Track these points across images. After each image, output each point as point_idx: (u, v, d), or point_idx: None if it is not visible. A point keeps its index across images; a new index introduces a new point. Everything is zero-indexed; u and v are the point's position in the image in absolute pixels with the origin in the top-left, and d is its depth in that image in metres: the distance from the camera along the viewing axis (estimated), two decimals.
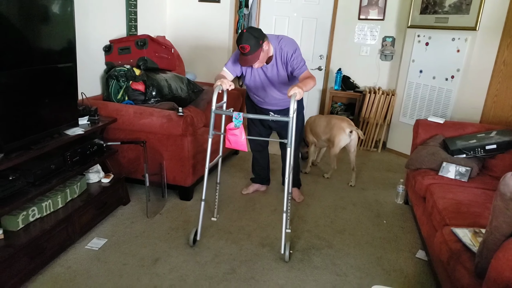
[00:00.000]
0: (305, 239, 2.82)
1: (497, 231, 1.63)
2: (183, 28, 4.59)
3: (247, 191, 3.51)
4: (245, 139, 2.46)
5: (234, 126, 2.41)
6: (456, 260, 1.94)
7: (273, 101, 2.97)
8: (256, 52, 2.51)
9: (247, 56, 2.52)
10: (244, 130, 2.46)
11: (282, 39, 2.74)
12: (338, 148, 3.70)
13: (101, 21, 3.46)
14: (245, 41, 2.45)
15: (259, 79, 2.85)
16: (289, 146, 2.45)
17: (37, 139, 2.31)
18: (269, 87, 2.88)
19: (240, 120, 2.39)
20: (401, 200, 3.50)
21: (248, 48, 2.46)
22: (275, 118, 2.66)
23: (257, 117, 2.86)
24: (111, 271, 2.34)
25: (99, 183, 2.91)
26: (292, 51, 2.70)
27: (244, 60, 2.56)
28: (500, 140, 2.97)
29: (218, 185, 2.99)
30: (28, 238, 2.16)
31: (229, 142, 2.49)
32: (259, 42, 2.50)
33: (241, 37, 2.48)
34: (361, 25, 4.98)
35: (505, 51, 3.91)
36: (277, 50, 2.72)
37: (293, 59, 2.69)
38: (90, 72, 3.39)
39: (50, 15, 2.32)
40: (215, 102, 2.49)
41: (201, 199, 2.61)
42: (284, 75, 2.81)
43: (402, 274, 2.50)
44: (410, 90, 4.59)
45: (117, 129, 3.11)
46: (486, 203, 2.46)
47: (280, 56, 2.72)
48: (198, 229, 2.65)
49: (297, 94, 2.36)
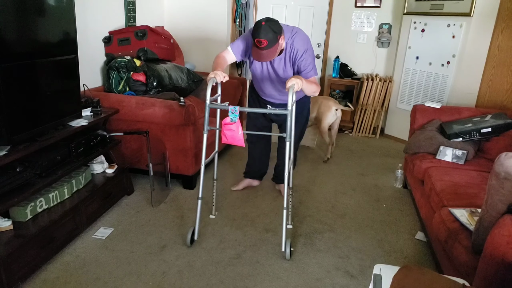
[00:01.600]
0: (308, 224, 2.89)
1: (492, 209, 1.70)
2: (181, 18, 4.61)
3: (237, 187, 3.36)
4: (242, 134, 2.35)
5: (230, 121, 2.30)
6: (454, 239, 2.01)
7: (278, 94, 2.85)
8: (273, 48, 2.35)
9: (263, 51, 2.36)
10: (241, 124, 2.37)
11: (296, 34, 2.56)
12: (326, 124, 4.02)
13: (100, 12, 3.47)
14: (264, 35, 2.28)
15: (266, 69, 2.71)
16: (288, 140, 2.33)
17: (42, 131, 2.35)
18: (274, 79, 2.75)
19: (236, 115, 2.27)
20: (399, 184, 3.58)
21: (266, 43, 2.30)
22: (273, 111, 2.51)
23: (254, 111, 2.68)
24: (119, 259, 2.40)
25: (103, 174, 2.96)
26: (303, 51, 2.53)
27: (260, 55, 2.40)
28: (494, 123, 3.03)
29: (215, 182, 2.88)
30: (37, 228, 2.21)
31: (225, 137, 2.38)
32: (277, 37, 2.34)
33: (258, 30, 2.29)
34: (358, 13, 5.01)
35: (499, 36, 3.96)
36: (288, 45, 2.55)
37: (302, 59, 2.53)
38: (90, 63, 3.42)
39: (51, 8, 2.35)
40: (209, 96, 2.35)
41: (198, 197, 2.52)
42: (290, 72, 2.65)
43: (402, 254, 2.57)
44: (407, 76, 4.64)
45: (119, 120, 3.14)
46: (482, 184, 2.53)
47: (289, 52, 2.56)
48: (195, 228, 2.56)
49: (295, 85, 2.21)
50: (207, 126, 2.42)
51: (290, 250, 2.44)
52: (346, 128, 5.19)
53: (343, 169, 3.94)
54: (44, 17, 2.29)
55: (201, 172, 2.47)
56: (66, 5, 2.46)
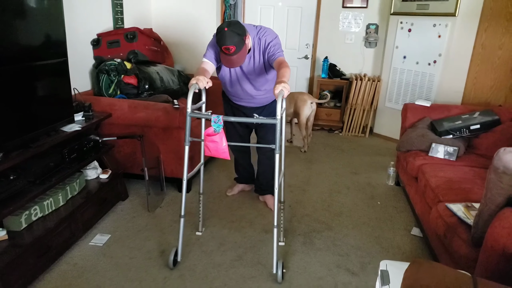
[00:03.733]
0: (306, 223, 2.90)
1: (492, 202, 1.74)
2: (170, 19, 4.58)
3: (232, 192, 3.30)
4: (226, 146, 2.16)
5: (213, 132, 2.11)
6: (452, 233, 2.05)
7: (249, 98, 2.75)
8: (241, 51, 2.29)
9: (233, 57, 2.29)
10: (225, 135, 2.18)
11: (261, 29, 2.52)
12: (304, 117, 4.27)
13: (87, 15, 3.42)
14: (230, 41, 2.21)
15: (235, 72, 2.61)
16: (278, 152, 2.13)
17: (34, 137, 2.30)
18: (244, 82, 2.64)
19: (219, 125, 2.09)
20: (392, 182, 3.62)
21: (233, 48, 2.23)
22: (260, 121, 2.29)
23: (240, 120, 2.41)
24: (119, 265, 2.37)
25: (97, 180, 2.91)
26: (271, 39, 2.48)
27: (230, 62, 2.33)
28: (483, 120, 3.10)
29: (202, 196, 2.70)
30: (33, 237, 2.17)
31: (208, 149, 2.18)
32: (243, 38, 2.27)
33: (223, 37, 2.22)
34: (345, 13, 5.06)
35: (483, 35, 4.06)
36: (255, 41, 2.49)
37: (270, 46, 2.46)
38: (79, 67, 3.36)
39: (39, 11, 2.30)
40: (190, 103, 2.15)
41: (180, 215, 2.32)
42: (261, 66, 2.57)
43: (400, 250, 2.61)
44: (395, 76, 4.71)
45: (111, 124, 3.10)
46: (475, 179, 2.59)
47: (258, 46, 2.50)
48: (178, 248, 2.37)
49: (285, 91, 2.08)
50: (189, 137, 2.22)
51: (282, 272, 2.27)
52: (336, 127, 5.23)
53: (336, 168, 3.97)
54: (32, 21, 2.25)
55: (183, 187, 2.31)
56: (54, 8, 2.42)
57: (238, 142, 2.79)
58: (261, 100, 2.78)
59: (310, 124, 4.42)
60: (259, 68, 2.58)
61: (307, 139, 4.41)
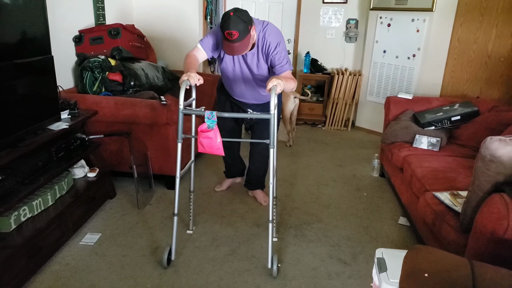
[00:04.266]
0: (296, 216, 2.94)
1: (479, 189, 1.81)
2: (151, 15, 4.52)
3: (221, 188, 3.28)
4: (220, 142, 2.15)
5: (207, 128, 2.10)
6: (441, 220, 2.13)
7: (252, 94, 2.70)
8: (245, 39, 2.20)
9: (235, 44, 2.20)
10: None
11: (268, 26, 2.43)
12: (288, 112, 4.32)
13: (69, 11, 3.34)
14: (234, 27, 2.13)
15: (239, 66, 2.55)
16: (272, 146, 2.16)
17: (21, 136, 2.25)
18: (248, 77, 2.60)
19: (213, 121, 2.08)
20: (376, 173, 3.71)
21: (237, 34, 2.14)
22: (254, 116, 2.28)
23: (233, 116, 2.41)
24: (112, 264, 2.35)
25: (84, 178, 2.87)
26: (276, 44, 2.40)
27: (231, 49, 2.24)
28: (463, 111, 3.21)
29: (192, 194, 2.68)
30: (23, 238, 2.12)
31: (202, 146, 2.17)
32: (248, 27, 2.19)
33: (227, 21, 2.14)
34: (326, 9, 5.13)
35: (459, 29, 4.18)
36: (260, 38, 2.41)
37: (275, 52, 2.39)
38: (61, 64, 3.26)
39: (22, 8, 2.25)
40: (182, 100, 2.14)
41: (173, 213, 2.32)
42: (264, 67, 2.52)
43: (389, 239, 2.68)
44: (375, 70, 4.80)
45: (97, 121, 3.05)
46: (458, 168, 2.68)
47: (262, 45, 2.42)
48: (172, 247, 2.35)
49: (277, 87, 2.07)
50: (181, 134, 2.20)
51: (278, 266, 2.30)
52: (319, 122, 5.30)
53: (321, 162, 4.03)
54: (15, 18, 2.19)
55: (176, 185, 2.25)
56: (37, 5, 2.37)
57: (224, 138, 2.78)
58: (265, 96, 2.73)
59: (294, 118, 4.46)
60: (262, 68, 2.53)
61: (291, 133, 4.46)
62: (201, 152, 2.21)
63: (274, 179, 2.24)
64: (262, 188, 3.19)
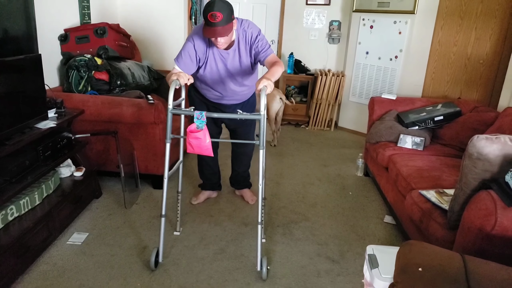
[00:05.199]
0: (283, 215, 2.97)
1: (467, 187, 1.88)
2: (136, 15, 4.48)
3: (198, 201, 3.09)
4: (209, 143, 2.12)
5: (196, 128, 2.08)
6: (428, 218, 2.19)
7: (232, 94, 2.66)
8: (227, 25, 2.16)
9: (217, 27, 2.13)
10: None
11: (245, 21, 2.44)
12: (273, 112, 4.37)
13: (54, 9, 3.28)
14: (218, 9, 2.09)
15: (216, 70, 2.49)
16: (262, 148, 2.16)
17: (8, 135, 2.21)
18: (228, 79, 2.55)
19: (203, 121, 2.06)
20: (361, 173, 3.78)
21: (221, 16, 2.09)
22: (244, 117, 2.13)
23: (223, 116, 2.32)
24: (101, 263, 2.33)
25: (71, 177, 2.83)
26: (257, 33, 2.42)
27: (213, 31, 2.16)
28: (446, 112, 3.31)
29: (180, 195, 2.64)
30: (11, 237, 2.08)
31: (191, 146, 2.14)
32: (231, 16, 2.18)
33: (212, 4, 2.11)
34: (309, 10, 5.18)
35: (439, 32, 4.31)
36: (240, 33, 2.40)
37: (257, 40, 2.40)
38: (46, 63, 3.19)
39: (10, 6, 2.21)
40: (171, 100, 2.13)
41: (160, 214, 2.29)
42: (247, 63, 2.50)
43: (375, 237, 2.74)
44: (358, 71, 4.89)
45: (83, 121, 3.01)
46: (442, 167, 2.76)
47: (244, 39, 2.41)
48: (159, 249, 2.31)
49: (268, 88, 2.07)
50: (170, 134, 2.19)
51: (267, 269, 2.30)
52: (302, 122, 5.36)
53: (306, 161, 4.08)
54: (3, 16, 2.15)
55: (164, 185, 2.23)
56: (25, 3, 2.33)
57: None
58: (243, 95, 2.72)
59: (279, 118, 4.50)
60: (245, 64, 2.50)
61: (276, 133, 4.49)
62: (190, 152, 2.19)
63: (263, 180, 2.22)
64: (249, 187, 3.21)
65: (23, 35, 2.36)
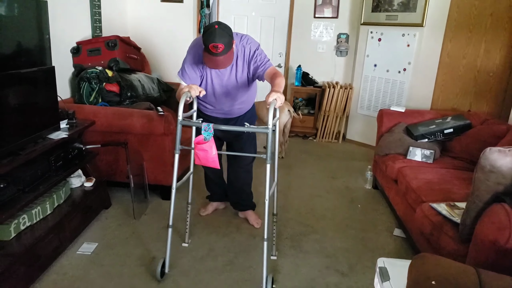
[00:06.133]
0: (291, 227, 2.96)
1: (479, 199, 1.86)
2: (146, 28, 4.55)
3: (206, 212, 3.08)
4: (216, 155, 2.11)
5: (203, 140, 2.08)
6: (439, 231, 2.17)
7: (226, 109, 2.61)
8: (229, 53, 2.17)
9: (219, 57, 2.14)
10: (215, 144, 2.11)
11: (243, 36, 2.41)
12: (282, 124, 4.34)
13: (67, 23, 3.35)
14: (219, 39, 2.07)
15: (211, 86, 2.46)
16: (269, 162, 2.07)
17: (22, 145, 2.24)
18: (224, 95, 2.51)
19: (210, 133, 2.05)
20: (369, 185, 3.76)
21: (222, 47, 2.09)
22: (251, 130, 2.07)
23: (230, 129, 2.23)
24: (110, 273, 2.33)
25: (81, 188, 2.85)
26: (255, 48, 2.39)
27: (214, 62, 2.17)
28: (455, 124, 3.30)
29: (190, 206, 2.65)
30: (23, 246, 2.10)
31: (198, 158, 2.14)
32: (232, 41, 2.17)
33: (212, 34, 2.08)
34: (317, 23, 5.23)
35: (448, 44, 4.31)
36: (239, 48, 2.37)
37: (256, 55, 2.37)
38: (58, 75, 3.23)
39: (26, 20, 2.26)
40: (181, 111, 2.12)
41: (168, 225, 2.27)
42: (244, 78, 2.46)
43: (385, 251, 2.72)
44: (366, 83, 4.90)
45: (94, 131, 3.04)
46: (453, 180, 2.74)
47: (242, 55, 2.38)
48: (166, 259, 2.30)
49: (277, 101, 2.04)
50: (179, 146, 2.19)
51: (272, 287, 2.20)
52: (310, 134, 5.36)
53: (314, 173, 4.07)
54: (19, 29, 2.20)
55: (172, 196, 2.23)
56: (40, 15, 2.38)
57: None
58: (236, 111, 2.65)
59: (287, 130, 4.51)
60: (242, 79, 2.46)
61: (284, 145, 4.50)
62: (198, 164, 2.19)
63: (269, 195, 2.12)
64: (253, 208, 3.05)
65: (36, 48, 2.41)
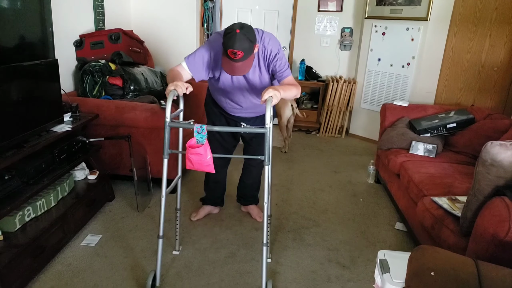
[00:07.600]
0: (293, 220, 2.98)
1: (480, 193, 1.87)
2: (149, 22, 4.56)
3: (198, 217, 2.93)
4: (211, 158, 1.93)
5: (196, 143, 1.91)
6: (440, 224, 2.18)
7: (251, 107, 2.52)
8: (248, 59, 2.04)
9: (237, 63, 2.03)
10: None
11: (264, 34, 2.27)
12: (285, 119, 4.35)
13: (70, 15, 3.36)
14: (239, 46, 1.94)
15: (237, 82, 2.35)
16: (267, 163, 1.97)
17: (26, 138, 2.26)
18: (247, 92, 2.41)
19: (203, 135, 1.87)
20: (372, 180, 3.77)
21: (241, 54, 1.97)
22: (247, 130, 1.95)
23: (225, 130, 2.17)
24: (114, 265, 2.36)
25: (85, 180, 2.88)
26: (276, 51, 2.25)
27: (233, 68, 2.06)
28: (458, 119, 3.29)
29: (179, 212, 2.50)
30: (28, 238, 2.14)
31: (191, 162, 1.96)
32: (253, 46, 2.02)
33: (232, 38, 1.94)
34: (321, 17, 5.21)
35: (453, 39, 4.29)
36: (260, 49, 2.24)
37: (276, 59, 2.24)
38: (61, 68, 3.27)
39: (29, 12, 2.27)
40: (169, 112, 1.92)
41: (158, 235, 2.11)
42: (267, 79, 2.36)
43: (386, 244, 2.73)
44: (370, 78, 4.89)
45: (97, 125, 3.06)
46: (454, 174, 2.75)
47: (263, 55, 2.26)
48: (156, 272, 2.15)
49: (273, 98, 1.91)
50: (168, 149, 2.00)
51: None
52: (313, 128, 5.36)
53: (317, 168, 4.08)
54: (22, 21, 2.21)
55: (161, 204, 2.06)
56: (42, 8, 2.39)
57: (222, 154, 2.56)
58: (263, 108, 2.54)
59: (291, 125, 4.50)
60: (265, 80, 2.36)
61: (287, 140, 4.50)
62: (189, 168, 2.01)
63: (268, 198, 2.06)
64: (256, 203, 3.05)
65: (39, 41, 2.43)
